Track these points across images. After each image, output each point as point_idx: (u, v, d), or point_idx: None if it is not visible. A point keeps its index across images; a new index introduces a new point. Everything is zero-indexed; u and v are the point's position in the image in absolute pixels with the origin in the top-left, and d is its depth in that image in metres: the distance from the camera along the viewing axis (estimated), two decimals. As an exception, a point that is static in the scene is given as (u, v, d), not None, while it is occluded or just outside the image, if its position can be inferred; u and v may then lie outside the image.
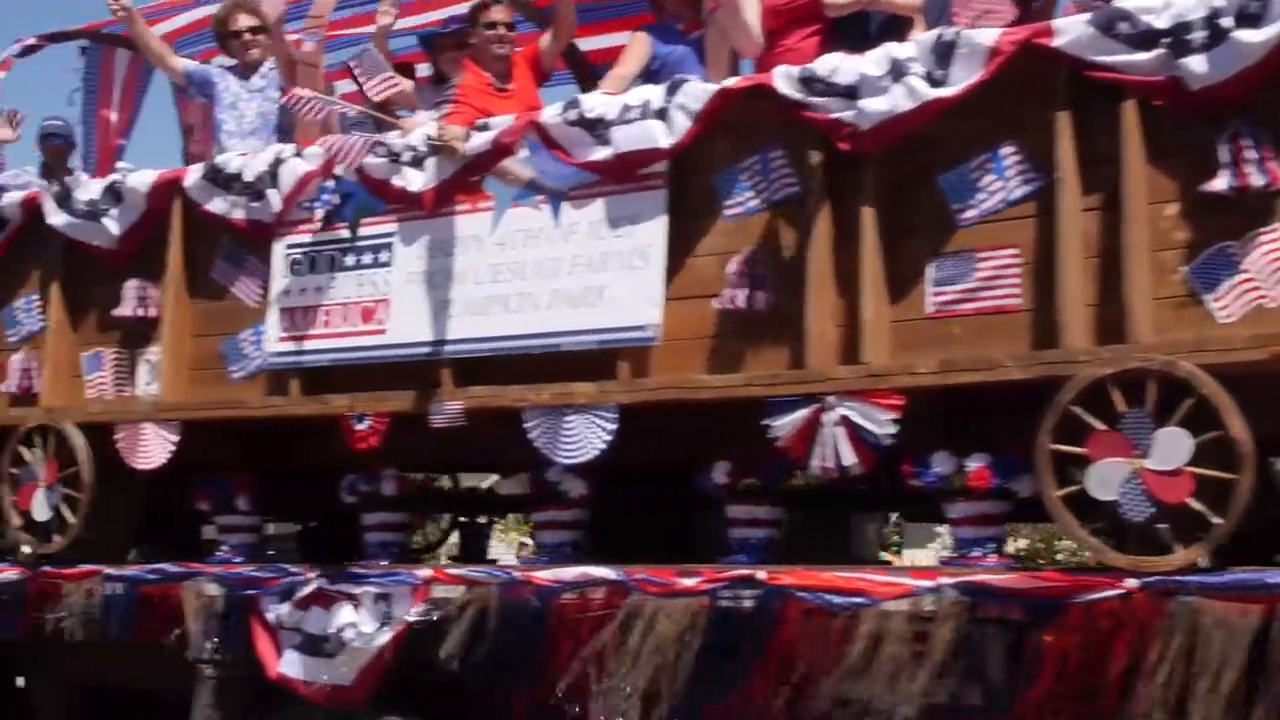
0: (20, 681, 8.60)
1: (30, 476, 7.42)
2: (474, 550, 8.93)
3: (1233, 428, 4.67)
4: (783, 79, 5.57)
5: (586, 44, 8.13)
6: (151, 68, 8.95)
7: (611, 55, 8.05)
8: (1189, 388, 4.72)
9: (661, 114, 5.79)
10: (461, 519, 8.88)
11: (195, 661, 6.82)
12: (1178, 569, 4.71)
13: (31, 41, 8.42)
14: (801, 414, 5.40)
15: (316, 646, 6.38)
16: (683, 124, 5.76)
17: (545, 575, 5.90)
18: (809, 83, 5.49)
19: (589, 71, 8.18)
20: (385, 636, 6.19)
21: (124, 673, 7.59)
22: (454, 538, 9.07)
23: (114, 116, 8.96)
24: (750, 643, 5.39)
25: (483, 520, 9.08)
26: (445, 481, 7.87)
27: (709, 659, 5.46)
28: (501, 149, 6.15)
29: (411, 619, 6.14)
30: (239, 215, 6.90)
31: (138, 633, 7.04)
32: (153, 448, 7.01)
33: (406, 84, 7.18)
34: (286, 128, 7.32)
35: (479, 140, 6.21)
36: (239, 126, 7.42)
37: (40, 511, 7.36)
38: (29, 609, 7.40)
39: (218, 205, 6.97)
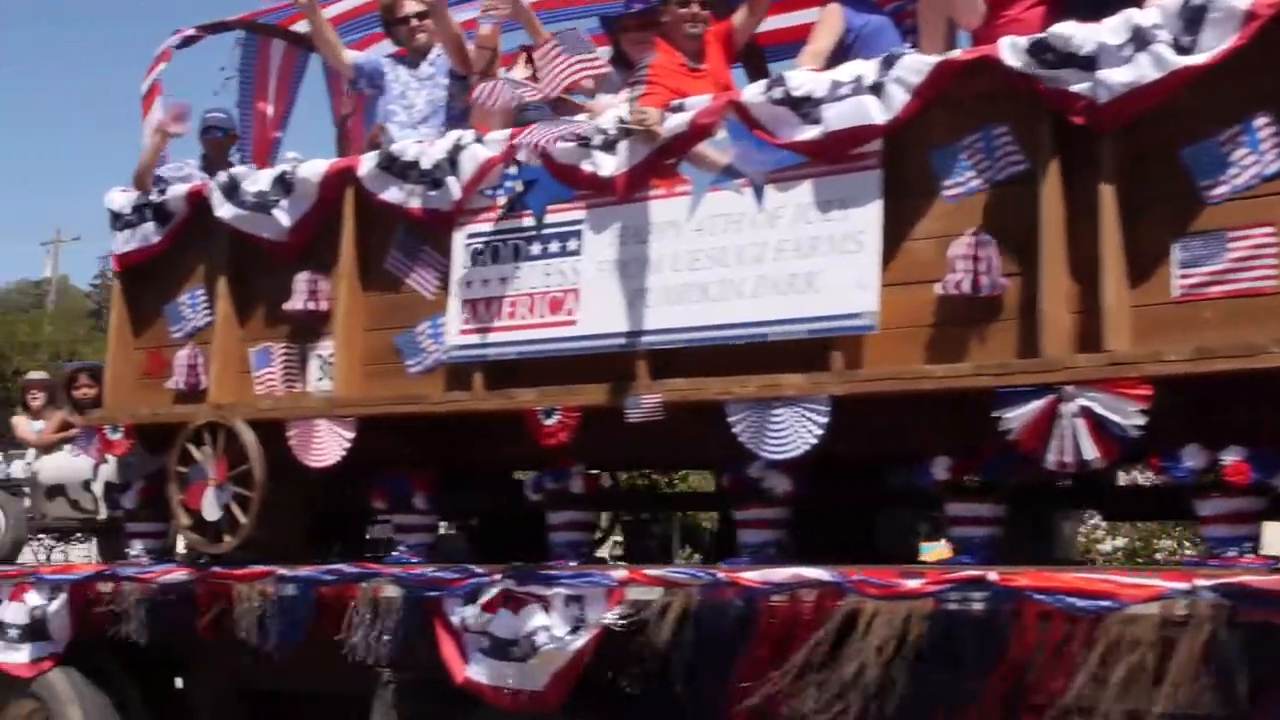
0: (179, 683, 8.48)
1: (199, 475, 7.25)
2: (639, 550, 8.68)
3: None
4: (1009, 50, 5.26)
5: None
6: (306, 59, 8.83)
7: (780, 38, 7.80)
8: None
9: (876, 89, 5.49)
10: (626, 517, 8.64)
11: (375, 666, 6.62)
12: None
13: (190, 32, 8.28)
14: (1036, 405, 5.07)
15: (505, 650, 6.12)
16: (899, 99, 5.46)
17: (752, 576, 5.61)
18: (1039, 53, 5.18)
19: (758, 55, 7.88)
20: (580, 640, 5.92)
21: (293, 675, 7.37)
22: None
23: (270, 109, 8.82)
24: (981, 649, 5.08)
25: (646, 517, 8.84)
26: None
27: (933, 666, 5.15)
28: (699, 130, 5.88)
29: (607, 622, 5.88)
30: (415, 204, 6.70)
31: (312, 635, 6.85)
32: (327, 445, 6.82)
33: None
34: (458, 114, 7.11)
35: (675, 121, 5.95)
36: (409, 116, 7.22)
37: (210, 511, 7.19)
38: (200, 610, 7.24)
39: (393, 194, 6.77)
